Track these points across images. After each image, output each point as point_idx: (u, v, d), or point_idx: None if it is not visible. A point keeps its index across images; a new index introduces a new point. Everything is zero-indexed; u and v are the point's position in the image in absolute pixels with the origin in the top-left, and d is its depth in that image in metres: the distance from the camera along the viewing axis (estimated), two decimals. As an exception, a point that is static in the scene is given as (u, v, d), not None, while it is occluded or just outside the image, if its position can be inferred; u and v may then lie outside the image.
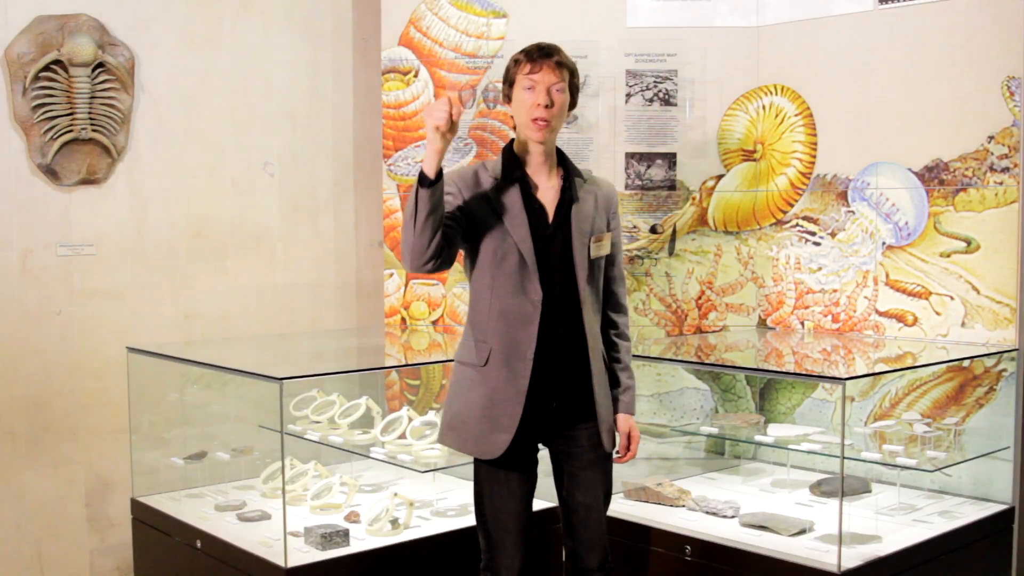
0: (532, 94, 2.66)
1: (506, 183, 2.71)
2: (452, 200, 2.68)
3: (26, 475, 3.84)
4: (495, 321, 2.70)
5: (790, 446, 3.61)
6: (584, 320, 2.73)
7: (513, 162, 2.74)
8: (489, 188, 2.71)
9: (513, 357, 2.68)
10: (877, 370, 3.51)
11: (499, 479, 2.75)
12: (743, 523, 3.34)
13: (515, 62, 2.70)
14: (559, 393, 2.74)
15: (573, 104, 2.76)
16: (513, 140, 2.79)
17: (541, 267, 2.69)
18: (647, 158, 4.19)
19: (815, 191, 4.06)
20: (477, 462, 2.80)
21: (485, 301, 2.72)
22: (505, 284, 2.69)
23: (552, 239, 2.72)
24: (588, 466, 2.80)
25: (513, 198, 2.70)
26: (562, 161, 2.79)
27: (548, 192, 2.74)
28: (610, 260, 2.83)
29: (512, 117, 2.77)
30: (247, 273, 4.36)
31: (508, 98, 2.75)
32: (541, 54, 2.67)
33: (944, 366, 3.63)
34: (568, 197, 2.74)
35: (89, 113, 3.88)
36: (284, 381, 3.01)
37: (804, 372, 3.49)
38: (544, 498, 3.48)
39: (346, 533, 3.21)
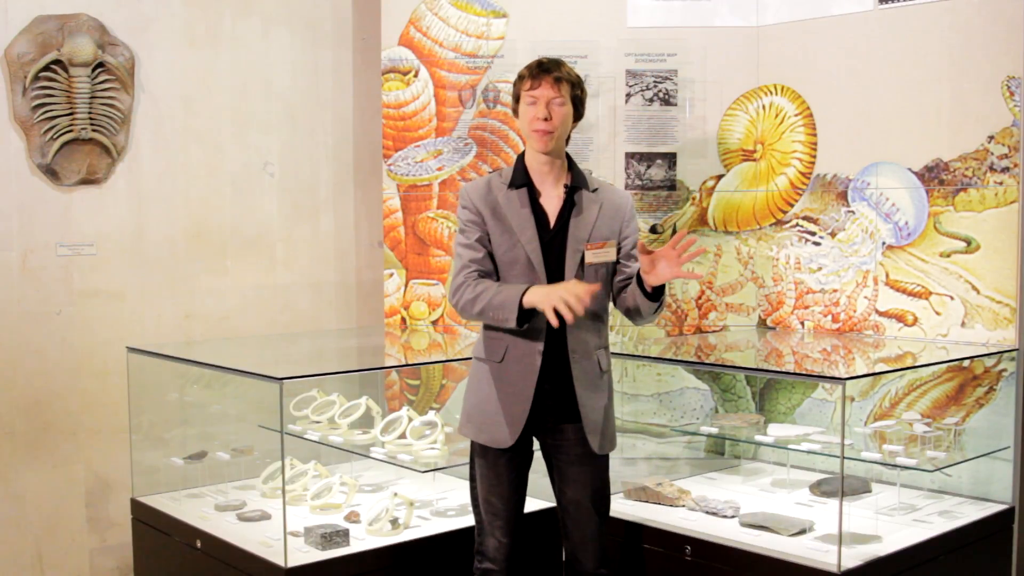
0: (533, 108, 2.82)
1: (514, 190, 2.87)
2: (477, 225, 2.86)
3: (26, 475, 3.84)
4: None
5: (790, 446, 3.61)
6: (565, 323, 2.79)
7: (522, 170, 2.89)
8: (500, 195, 2.87)
9: (526, 354, 2.82)
10: (877, 370, 3.51)
11: (491, 467, 2.89)
12: (743, 523, 3.34)
13: (519, 78, 2.88)
14: (547, 392, 2.84)
15: (579, 115, 2.90)
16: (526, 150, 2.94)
17: (546, 269, 2.81)
18: (647, 158, 4.19)
19: (815, 191, 4.06)
20: (473, 450, 2.94)
21: None
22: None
23: (551, 244, 2.84)
24: (575, 462, 2.89)
25: (521, 204, 2.85)
26: (571, 171, 2.91)
27: (552, 199, 2.88)
28: (628, 265, 2.93)
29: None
30: (247, 273, 4.36)
31: (516, 112, 2.91)
32: (541, 70, 2.83)
33: (944, 366, 3.63)
34: (570, 204, 2.85)
35: (89, 113, 3.88)
36: (284, 381, 3.01)
37: (804, 372, 3.49)
38: (545, 498, 3.48)
39: (346, 533, 3.21)
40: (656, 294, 2.79)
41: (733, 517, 3.41)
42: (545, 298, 2.65)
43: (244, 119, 4.33)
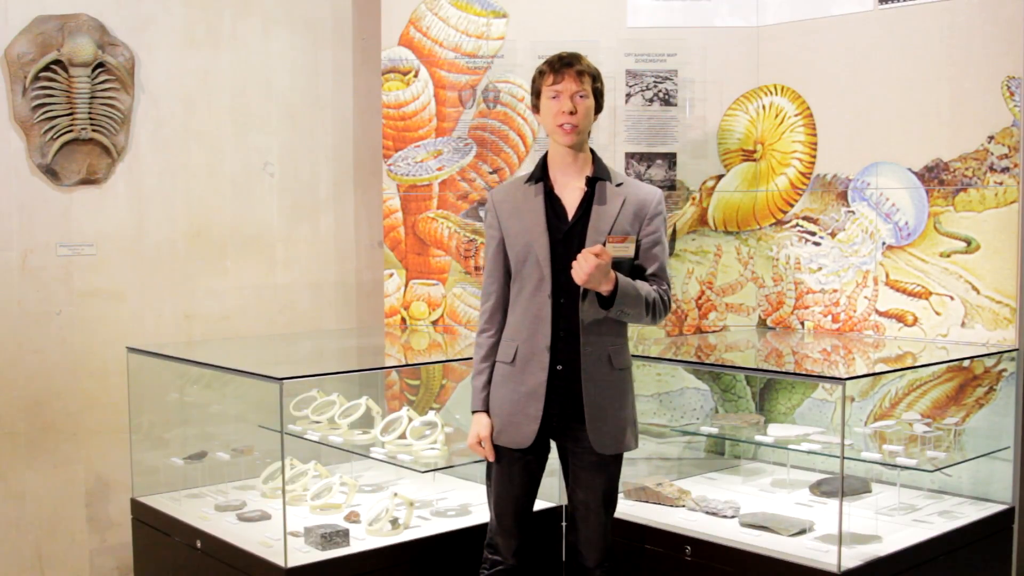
0: (557, 102, 2.82)
1: (533, 186, 2.88)
2: (494, 230, 2.93)
3: (26, 475, 3.84)
4: (519, 319, 2.86)
5: (790, 446, 3.61)
6: (580, 317, 2.80)
7: (542, 165, 2.90)
8: (520, 191, 2.90)
9: (534, 354, 2.83)
10: (877, 370, 3.51)
11: (503, 468, 2.91)
12: (743, 523, 3.34)
13: (540, 73, 2.87)
14: (561, 392, 2.83)
15: (599, 107, 2.91)
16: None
17: (557, 264, 2.80)
18: (647, 158, 4.19)
19: (815, 191, 4.06)
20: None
21: (513, 300, 2.89)
22: (527, 282, 2.84)
23: (570, 236, 2.82)
24: (588, 467, 2.88)
25: (536, 199, 2.87)
26: (594, 164, 2.91)
27: (573, 192, 2.87)
28: (643, 265, 2.87)
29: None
30: (247, 273, 4.36)
31: (536, 108, 2.90)
32: (562, 64, 2.83)
33: (944, 366, 3.63)
34: (591, 196, 2.84)
35: (89, 113, 3.88)
36: (284, 381, 3.01)
37: (804, 372, 3.50)
38: (545, 498, 3.48)
39: (346, 533, 3.21)
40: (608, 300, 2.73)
41: (733, 517, 3.41)
42: (471, 432, 2.92)
43: (244, 119, 4.33)
